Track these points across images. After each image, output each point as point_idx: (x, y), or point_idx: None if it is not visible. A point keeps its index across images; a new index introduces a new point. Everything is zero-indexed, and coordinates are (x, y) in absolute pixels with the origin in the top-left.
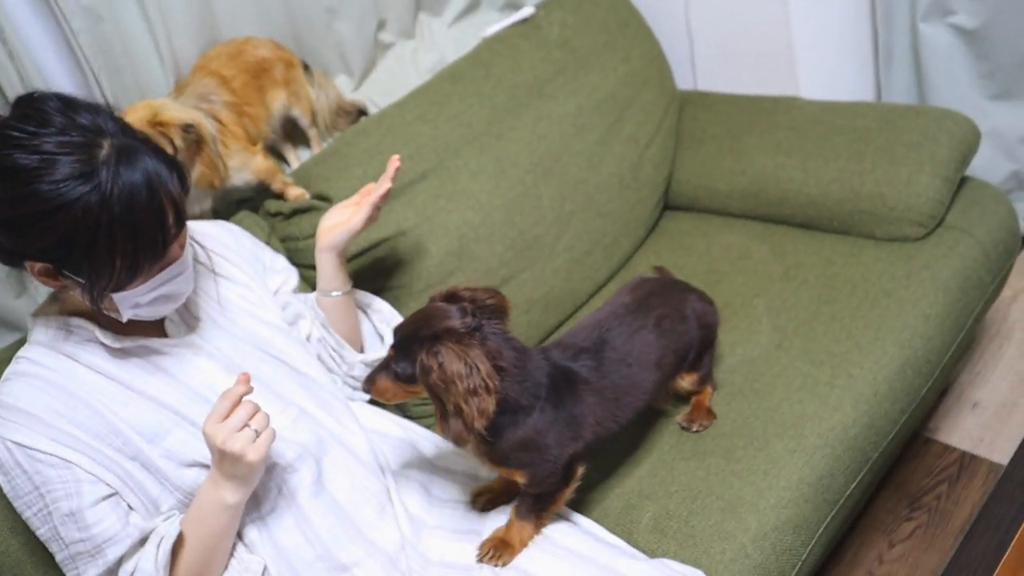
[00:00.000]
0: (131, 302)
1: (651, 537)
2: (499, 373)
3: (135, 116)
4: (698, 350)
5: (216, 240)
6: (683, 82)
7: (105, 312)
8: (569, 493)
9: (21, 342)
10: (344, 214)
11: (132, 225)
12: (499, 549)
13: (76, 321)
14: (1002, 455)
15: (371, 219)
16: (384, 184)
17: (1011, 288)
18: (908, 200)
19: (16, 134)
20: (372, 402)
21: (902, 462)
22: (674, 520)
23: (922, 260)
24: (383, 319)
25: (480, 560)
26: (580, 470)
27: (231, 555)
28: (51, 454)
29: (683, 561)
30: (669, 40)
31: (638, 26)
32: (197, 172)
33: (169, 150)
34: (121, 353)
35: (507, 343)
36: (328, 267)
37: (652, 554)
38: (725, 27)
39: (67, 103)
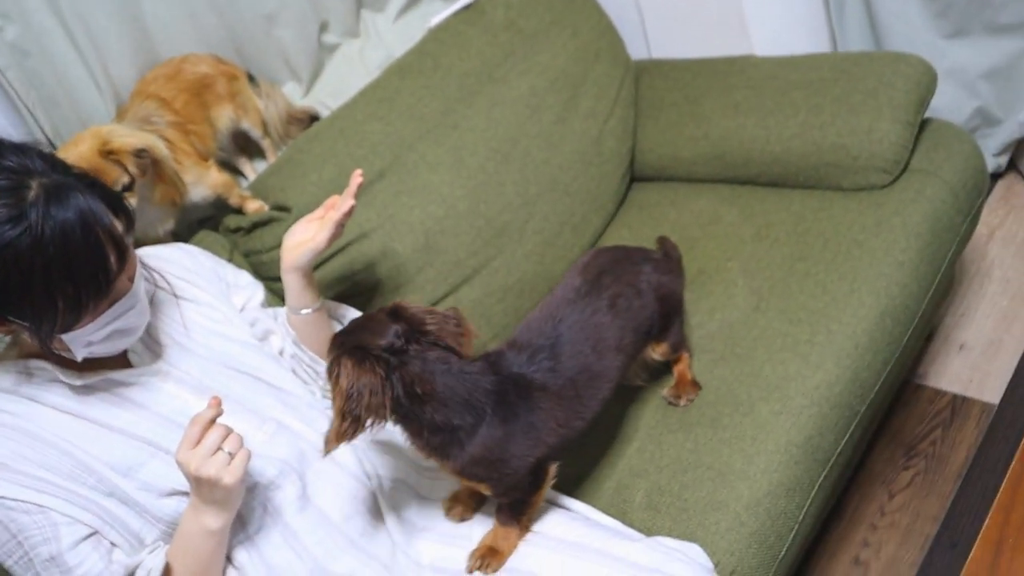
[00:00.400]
0: (83, 341)
1: (645, 515)
2: (417, 399)
3: (84, 147)
4: (661, 322)
5: (175, 263)
6: (636, 52)
7: (57, 353)
8: (544, 494)
9: None
10: (308, 231)
11: (69, 265)
12: (487, 557)
13: (35, 363)
14: (993, 394)
15: (335, 236)
16: (347, 201)
17: (986, 226)
18: (870, 148)
19: None
20: None
21: (894, 411)
22: (666, 495)
23: (891, 207)
24: None
25: (470, 571)
26: (552, 469)
27: None
28: (23, 500)
29: (678, 536)
30: (618, 11)
31: (583, 0)
32: (158, 192)
33: (124, 178)
34: (85, 390)
35: (437, 367)
36: (295, 286)
37: (648, 532)
38: None
39: None
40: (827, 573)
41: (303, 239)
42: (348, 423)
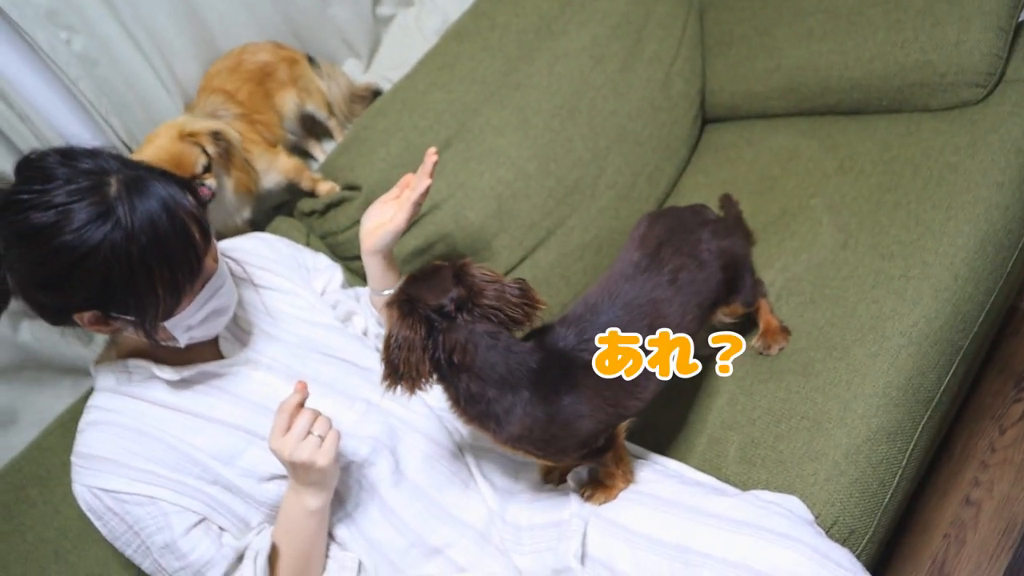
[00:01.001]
0: (184, 326)
1: (740, 469)
2: (454, 367)
3: (162, 138)
4: (727, 288)
5: (252, 253)
6: None
7: (162, 343)
8: (620, 448)
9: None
10: (385, 212)
11: (162, 250)
12: (594, 490)
13: (134, 362)
14: None
15: (413, 216)
16: (424, 181)
17: None
18: (960, 61)
19: (25, 196)
20: None
21: (1001, 341)
22: (761, 448)
23: (987, 123)
24: None
25: (582, 495)
26: (622, 427)
27: (327, 556)
28: (135, 493)
29: (776, 489)
30: None
31: None
32: (233, 180)
33: (203, 159)
34: (182, 384)
35: (482, 340)
36: (377, 269)
37: (743, 486)
38: None
39: (65, 154)
40: (936, 514)
41: (381, 221)
42: (388, 371)
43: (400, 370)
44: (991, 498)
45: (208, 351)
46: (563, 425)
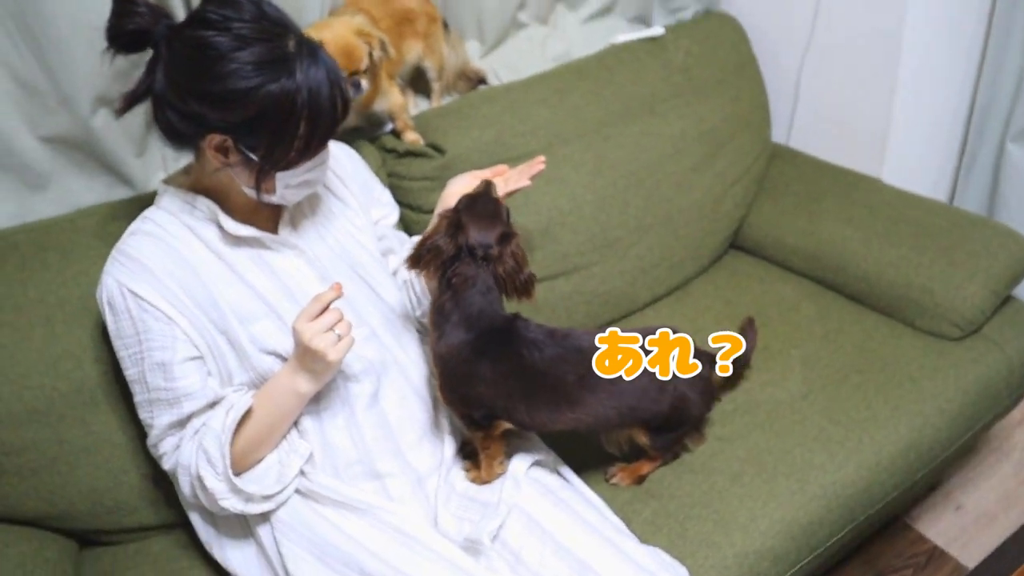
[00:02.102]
0: (284, 183)
1: (647, 528)
2: (448, 285)
3: (339, 27)
4: (662, 425)
5: (338, 161)
6: (777, 135)
7: (261, 192)
8: (485, 441)
9: (140, 200)
10: (473, 186)
11: (316, 112)
12: (471, 469)
13: (202, 200)
14: (970, 559)
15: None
16: (524, 182)
17: (1020, 411)
18: (954, 302)
19: (215, 17)
20: None
21: (877, 538)
22: (671, 520)
23: (951, 359)
24: None
25: (464, 470)
26: (500, 425)
27: (284, 437)
28: (159, 308)
29: (670, 555)
30: (775, 93)
31: (753, 73)
32: (366, 92)
33: (366, 61)
34: (234, 240)
35: (480, 284)
36: None
37: (644, 542)
38: (831, 97)
39: None
40: None
41: (469, 192)
42: (414, 255)
43: (421, 262)
44: None
45: (268, 222)
46: (468, 372)
